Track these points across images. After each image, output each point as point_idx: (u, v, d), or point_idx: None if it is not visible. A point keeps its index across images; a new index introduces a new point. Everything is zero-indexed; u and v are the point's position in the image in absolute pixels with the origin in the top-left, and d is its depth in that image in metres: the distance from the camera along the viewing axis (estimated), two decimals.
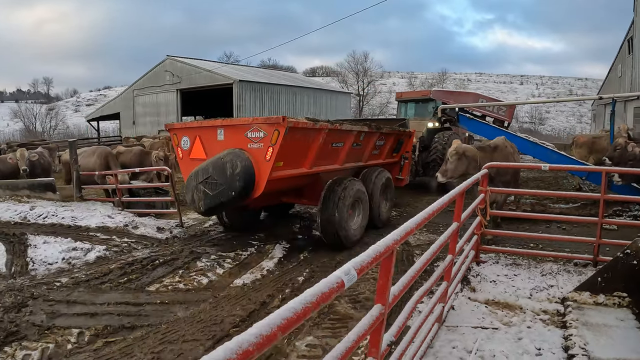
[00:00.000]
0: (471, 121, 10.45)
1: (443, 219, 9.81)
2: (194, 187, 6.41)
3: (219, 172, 6.16)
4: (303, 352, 4.01)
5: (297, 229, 8.90)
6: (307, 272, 6.37)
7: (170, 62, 26.36)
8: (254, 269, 6.49)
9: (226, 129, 6.40)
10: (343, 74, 53.23)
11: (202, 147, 6.68)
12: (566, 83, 67.83)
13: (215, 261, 6.72)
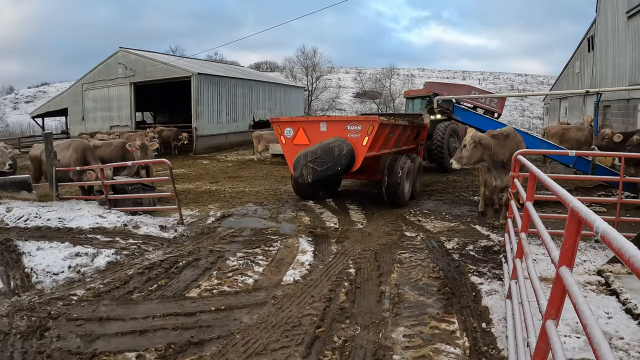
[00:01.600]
0: (466, 112, 10.29)
1: (451, 207, 9.73)
2: (304, 164, 8.24)
3: (327, 153, 8.06)
4: (405, 343, 3.66)
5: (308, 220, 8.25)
6: (351, 263, 5.82)
7: (123, 54, 24.12)
8: (293, 264, 5.76)
9: (329, 123, 8.38)
10: (291, 69, 52.65)
11: (305, 136, 8.51)
12: (507, 78, 70.49)
13: (245, 259, 5.86)
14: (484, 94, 10.45)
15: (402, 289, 4.94)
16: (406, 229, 7.74)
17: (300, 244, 6.74)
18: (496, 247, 6.62)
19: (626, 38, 12.30)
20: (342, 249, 6.56)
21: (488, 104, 10.28)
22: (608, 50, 13.93)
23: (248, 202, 10.03)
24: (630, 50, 12.12)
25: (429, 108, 10.74)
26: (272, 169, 16.17)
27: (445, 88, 10.43)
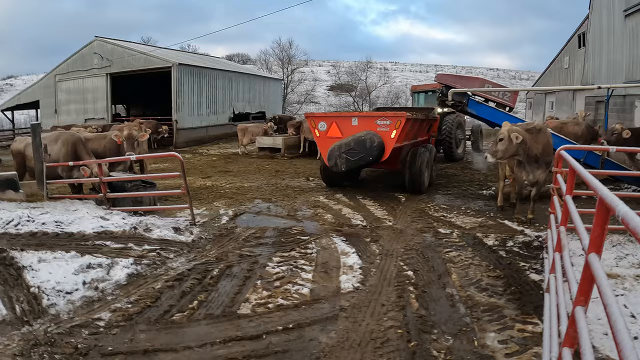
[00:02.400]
0: (480, 105, 9.77)
1: (466, 202, 9.25)
2: (338, 155, 8.70)
3: (360, 145, 8.61)
4: (504, 350, 3.34)
5: (330, 218, 7.51)
6: (403, 264, 5.20)
7: (99, 44, 22.27)
8: (342, 268, 5.02)
9: (360, 118, 9.12)
10: (266, 61, 51.23)
11: (338, 129, 9.15)
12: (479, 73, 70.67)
13: (286, 264, 5.07)
14: (497, 87, 10.01)
15: (469, 290, 4.51)
16: (437, 225, 7.17)
17: (337, 244, 6.00)
18: (535, 242, 6.22)
19: (623, 36, 12.28)
20: (383, 249, 5.89)
21: (501, 97, 9.84)
22: (602, 47, 13.94)
23: (254, 199, 9.17)
24: (627, 47, 12.11)
25: (441, 100, 10.19)
26: (262, 163, 15.27)
27: (458, 80, 9.91)
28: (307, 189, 10.47)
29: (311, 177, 12.24)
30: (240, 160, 16.26)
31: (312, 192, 10.05)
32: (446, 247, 5.98)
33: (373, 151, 8.60)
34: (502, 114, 9.52)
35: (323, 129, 9.42)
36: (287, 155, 16.44)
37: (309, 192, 9.98)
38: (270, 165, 14.75)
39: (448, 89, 10.06)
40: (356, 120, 9.09)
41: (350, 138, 8.77)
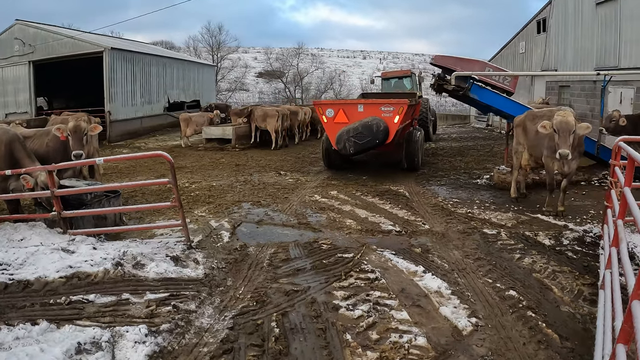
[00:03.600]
0: (484, 91, 8.83)
1: (470, 193, 8.40)
2: (346, 139, 9.16)
3: (367, 129, 9.07)
4: None
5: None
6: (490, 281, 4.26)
7: (20, 28, 18.02)
8: (432, 296, 3.83)
9: (365, 105, 9.51)
10: (195, 47, 47.27)
11: (345, 115, 9.48)
12: (406, 58, 73.15)
13: (359, 300, 3.65)
14: (498, 72, 9.21)
15: (584, 306, 3.76)
16: (475, 224, 6.16)
17: (393, 260, 4.70)
18: (586, 237, 5.56)
19: (593, 24, 12.30)
20: (448, 261, 4.79)
21: (502, 82, 9.07)
22: (568, 34, 13.90)
23: (239, 202, 7.47)
24: (597, 35, 12.11)
25: (438, 85, 9.14)
26: (215, 156, 13.39)
27: (458, 63, 8.93)
28: (290, 185, 9.00)
29: (282, 171, 10.76)
30: (187, 154, 14.13)
31: (299, 189, 8.60)
32: (509, 252, 5.11)
33: (379, 135, 9.19)
34: (510, 101, 8.75)
35: (330, 115, 9.77)
36: (238, 146, 14.73)
37: (296, 190, 8.51)
38: (225, 159, 12.94)
39: (446, 71, 9.05)
40: (362, 107, 9.57)
41: (358, 123, 9.26)
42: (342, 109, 9.64)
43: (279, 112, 14.34)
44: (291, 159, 12.86)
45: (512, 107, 8.53)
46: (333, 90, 50.46)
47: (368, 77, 67.90)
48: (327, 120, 9.79)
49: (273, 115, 14.25)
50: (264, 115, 14.44)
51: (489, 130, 21.57)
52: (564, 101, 13.61)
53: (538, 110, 7.37)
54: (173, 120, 21.84)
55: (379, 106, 9.41)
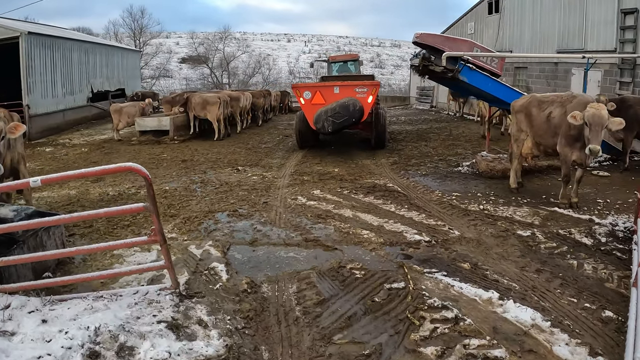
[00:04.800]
0: (476, 74, 8.00)
1: (462, 185, 7.76)
2: (325, 118, 9.90)
3: (344, 109, 9.84)
4: None
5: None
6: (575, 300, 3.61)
7: None
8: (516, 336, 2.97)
9: (341, 87, 10.21)
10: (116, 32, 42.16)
11: (322, 97, 10.20)
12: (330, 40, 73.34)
13: (451, 355, 2.64)
14: (486, 52, 8.48)
15: None
16: (503, 225, 5.43)
17: (455, 286, 3.77)
18: (617, 232, 5.21)
19: (554, 6, 12.23)
20: (509, 278, 4.05)
21: (489, 63, 8.39)
22: (524, 16, 13.80)
23: (212, 214, 6.00)
24: (559, 18, 12.04)
25: (423, 66, 8.19)
26: (153, 152, 11.46)
27: (446, 42, 8.00)
28: (258, 185, 7.71)
29: (240, 167, 9.39)
30: (121, 150, 11.97)
31: (272, 190, 7.35)
32: (561, 257, 4.50)
33: (356, 114, 9.83)
34: (503, 85, 8.08)
35: (308, 97, 10.25)
36: (177, 138, 12.90)
37: (270, 191, 7.26)
38: (166, 154, 11.12)
39: (432, 51, 8.14)
40: (338, 88, 10.11)
41: (335, 104, 9.85)
42: (319, 91, 10.19)
43: (220, 99, 12.71)
44: (242, 151, 11.48)
45: (505, 92, 7.90)
46: (261, 74, 48.74)
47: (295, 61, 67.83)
48: (305, 102, 10.25)
49: (214, 102, 12.59)
50: (203, 103, 12.71)
51: (435, 111, 21.56)
52: (522, 82, 13.60)
53: (543, 95, 6.77)
54: (98, 111, 19.12)
55: (354, 87, 10.05)
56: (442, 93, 21.83)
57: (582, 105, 5.78)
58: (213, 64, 46.06)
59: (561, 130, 6.03)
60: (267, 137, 14.09)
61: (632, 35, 8.96)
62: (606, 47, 9.50)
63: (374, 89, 9.94)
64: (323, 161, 10.05)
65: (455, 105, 19.22)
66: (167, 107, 14.20)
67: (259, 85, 43.47)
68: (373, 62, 63.93)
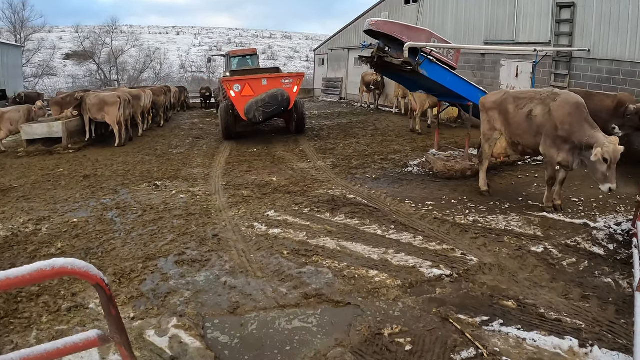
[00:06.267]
0: (437, 68, 7.29)
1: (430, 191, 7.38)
2: (255, 109, 10.97)
3: (273, 99, 11.00)
4: None
5: None
6: None
7: None
8: None
9: (269, 79, 11.32)
10: None
11: (251, 89, 11.04)
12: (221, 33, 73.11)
13: None
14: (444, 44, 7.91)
15: None
16: (510, 240, 5.00)
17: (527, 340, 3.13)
18: (616, 235, 5.19)
19: None
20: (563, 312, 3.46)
21: (446, 55, 7.86)
22: (447, 6, 13.82)
23: (152, 262, 4.52)
24: (486, 9, 12.20)
25: (378, 57, 7.41)
26: (45, 165, 9.51)
27: (405, 31, 7.23)
28: (193, 208, 6.41)
29: (158, 181, 7.97)
30: (6, 165, 9.86)
31: (214, 214, 6.13)
32: (591, 276, 4.23)
33: (284, 103, 11.04)
34: (466, 81, 7.63)
35: (238, 89, 11.00)
36: (72, 146, 11.10)
37: (212, 217, 6.01)
38: (63, 167, 9.25)
39: (389, 40, 7.40)
40: (265, 81, 11.13)
41: (265, 94, 10.92)
42: (248, 83, 11.02)
43: (120, 99, 11.04)
44: (152, 159, 9.93)
45: (465, 88, 7.55)
46: (153, 69, 46.26)
47: (186, 54, 67.39)
48: (235, 94, 11.01)
49: (113, 102, 10.90)
50: (100, 104, 10.98)
51: (347, 104, 21.34)
52: None
53: (518, 91, 6.52)
54: None
55: (280, 79, 11.23)
56: (352, 84, 21.74)
57: (569, 105, 5.59)
58: (100, 59, 42.61)
59: (545, 129, 5.79)
60: (175, 140, 12.65)
61: (568, 28, 9.43)
62: (540, 39, 9.89)
63: (298, 80, 11.29)
64: (252, 168, 8.99)
65: (369, 97, 19.22)
66: (56, 109, 12.39)
67: (150, 81, 41.29)
68: (265, 54, 65.20)
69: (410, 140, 11.54)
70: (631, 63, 8.23)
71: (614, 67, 8.55)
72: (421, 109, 12.10)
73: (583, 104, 5.53)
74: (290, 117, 12.35)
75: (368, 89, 18.58)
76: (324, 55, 24.99)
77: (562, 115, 5.54)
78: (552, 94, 5.86)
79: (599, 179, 5.07)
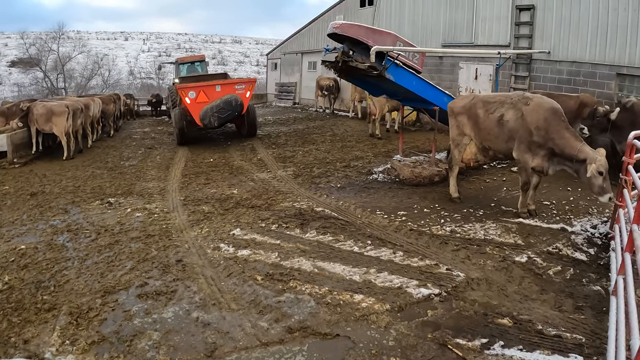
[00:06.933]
0: (404, 72, 7.13)
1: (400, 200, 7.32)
2: (211, 114, 11.42)
3: (227, 105, 11.51)
4: None
5: None
6: None
7: None
8: None
9: (222, 85, 11.81)
10: None
11: (205, 96, 11.43)
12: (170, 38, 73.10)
13: None
14: (411, 47, 7.75)
15: None
16: (492, 251, 4.95)
17: None
18: (594, 238, 5.32)
19: (439, 1, 12.57)
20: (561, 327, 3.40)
21: (411, 59, 7.72)
22: (404, 9, 13.90)
23: (112, 295, 4.01)
24: (444, 11, 12.35)
25: (342, 62, 7.19)
26: None
27: (371, 35, 6.98)
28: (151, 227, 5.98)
29: (111, 198, 7.38)
30: None
31: (174, 235, 5.69)
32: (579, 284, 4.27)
33: (238, 108, 11.58)
34: (432, 86, 7.52)
35: (193, 96, 11.34)
36: (17, 160, 10.35)
37: (172, 238, 5.56)
38: (8, 184, 8.53)
39: (353, 44, 7.19)
40: (219, 87, 11.60)
41: (219, 100, 11.38)
42: (202, 90, 11.42)
43: (68, 108, 10.50)
44: (103, 173, 9.32)
45: (433, 93, 7.50)
46: (101, 76, 44.75)
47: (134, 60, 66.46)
48: (190, 101, 11.36)
49: (61, 112, 10.43)
50: (47, 114, 10.42)
51: (301, 109, 21.11)
52: None
53: (487, 95, 6.54)
54: None
55: (233, 85, 11.79)
56: (306, 89, 21.56)
57: (544, 109, 5.62)
58: (47, 66, 40.02)
59: (519, 135, 5.80)
60: (127, 151, 11.99)
61: (527, 30, 9.71)
62: (499, 42, 10.13)
63: (251, 85, 11.87)
64: (210, 179, 8.58)
65: (324, 102, 19.12)
66: (1, 120, 11.41)
67: (98, 88, 39.98)
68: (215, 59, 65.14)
69: (371, 146, 11.48)
70: (591, 64, 8.58)
71: (574, 69, 8.90)
72: (380, 113, 12.07)
73: (559, 109, 5.58)
74: (242, 122, 12.73)
75: (323, 94, 18.47)
76: (276, 60, 24.64)
77: (537, 120, 5.57)
78: (523, 98, 5.90)
79: (598, 192, 5.06)
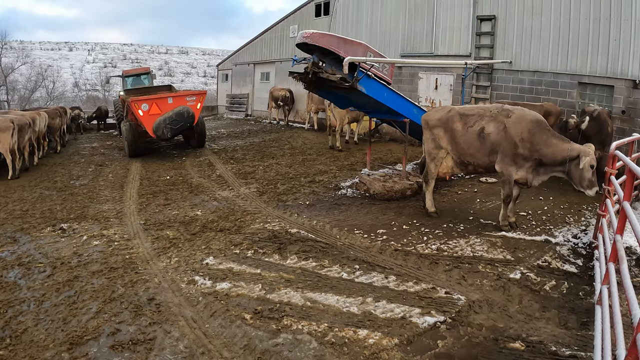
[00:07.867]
0: (376, 84, 6.99)
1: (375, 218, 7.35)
2: (164, 126, 11.82)
3: (179, 116, 12.00)
4: None
5: None
6: None
7: None
8: None
9: (174, 97, 12.24)
10: None
11: (158, 108, 11.86)
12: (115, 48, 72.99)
13: None
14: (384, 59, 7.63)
15: None
16: (485, 269, 4.93)
17: None
18: (578, 248, 5.56)
19: (398, 9, 12.65)
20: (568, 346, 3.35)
21: (382, 70, 7.63)
22: (361, 19, 13.93)
23: (82, 346, 3.50)
24: (402, 21, 12.47)
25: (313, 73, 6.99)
26: None
27: (342, 45, 6.80)
28: (112, 258, 5.43)
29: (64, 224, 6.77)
30: None
31: (143, 266, 5.21)
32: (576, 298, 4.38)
33: (189, 119, 12.07)
34: (404, 99, 7.49)
35: (146, 109, 11.70)
36: None
37: (140, 271, 5.03)
38: None
39: (324, 55, 7.01)
40: (171, 99, 12.04)
41: (172, 112, 11.85)
42: (155, 102, 11.84)
43: (14, 123, 9.71)
44: (53, 194, 8.63)
45: (404, 105, 7.49)
46: (45, 88, 42.69)
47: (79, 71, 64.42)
48: (143, 113, 11.71)
49: (6, 128, 9.67)
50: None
51: (255, 121, 20.72)
52: None
53: (464, 107, 6.59)
54: None
55: (185, 97, 12.27)
56: (259, 100, 21.24)
57: (527, 121, 5.73)
58: None
59: (502, 148, 5.87)
60: (76, 168, 11.27)
61: (489, 40, 10.02)
62: (460, 52, 10.38)
63: (201, 97, 12.49)
64: (170, 200, 8.11)
65: (278, 113, 18.91)
66: None
67: (42, 101, 38.24)
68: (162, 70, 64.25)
69: (333, 159, 11.39)
70: (553, 74, 8.99)
71: (536, 78, 9.29)
72: (341, 125, 12.03)
73: (542, 120, 5.75)
74: (192, 133, 13.26)
75: (277, 105, 18.26)
76: (227, 71, 24.14)
77: (521, 132, 5.67)
78: (503, 110, 5.99)
79: (586, 186, 5.31)
